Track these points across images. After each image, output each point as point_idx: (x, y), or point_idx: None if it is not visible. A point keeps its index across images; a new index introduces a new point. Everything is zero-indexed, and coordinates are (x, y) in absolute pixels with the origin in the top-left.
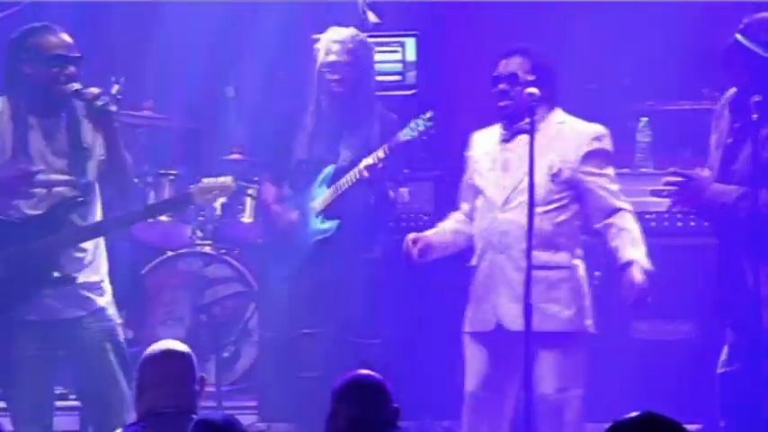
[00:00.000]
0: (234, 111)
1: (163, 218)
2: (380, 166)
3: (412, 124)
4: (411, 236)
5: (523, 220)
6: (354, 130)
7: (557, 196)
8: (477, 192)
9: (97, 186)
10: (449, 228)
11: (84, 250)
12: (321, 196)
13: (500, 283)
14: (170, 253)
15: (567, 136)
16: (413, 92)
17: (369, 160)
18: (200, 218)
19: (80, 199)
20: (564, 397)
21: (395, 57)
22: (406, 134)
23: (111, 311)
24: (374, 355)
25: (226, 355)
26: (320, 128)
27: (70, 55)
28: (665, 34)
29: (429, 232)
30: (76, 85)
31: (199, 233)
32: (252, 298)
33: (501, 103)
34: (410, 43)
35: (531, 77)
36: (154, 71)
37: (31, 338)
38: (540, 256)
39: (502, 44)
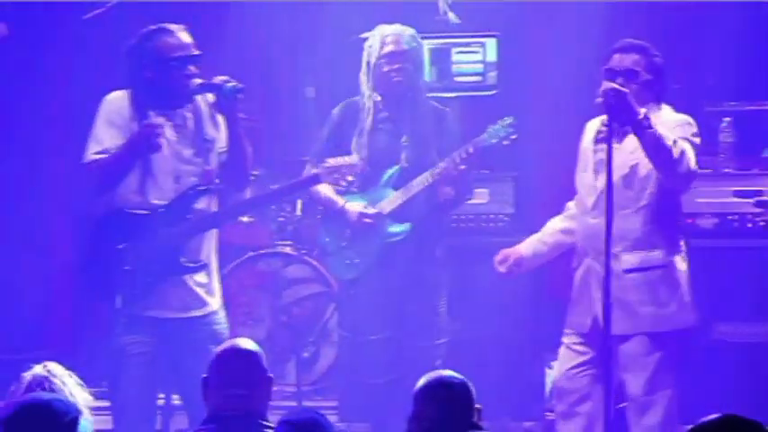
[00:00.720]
0: (314, 111)
1: (243, 218)
2: (455, 173)
3: (491, 130)
4: (499, 255)
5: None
6: (412, 126)
7: (640, 194)
8: (575, 190)
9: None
10: (556, 227)
11: (201, 245)
12: (388, 198)
13: (593, 286)
14: (251, 253)
15: None
16: (493, 92)
17: (441, 170)
18: (281, 218)
19: (203, 187)
20: (654, 398)
21: (475, 57)
22: (484, 140)
23: (221, 315)
24: (441, 356)
25: (306, 355)
26: (378, 126)
27: (189, 55)
28: (747, 33)
29: (531, 238)
30: (199, 80)
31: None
32: (331, 298)
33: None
34: (491, 44)
35: (647, 76)
36: (233, 72)
37: (149, 334)
38: (632, 258)
39: (584, 45)
